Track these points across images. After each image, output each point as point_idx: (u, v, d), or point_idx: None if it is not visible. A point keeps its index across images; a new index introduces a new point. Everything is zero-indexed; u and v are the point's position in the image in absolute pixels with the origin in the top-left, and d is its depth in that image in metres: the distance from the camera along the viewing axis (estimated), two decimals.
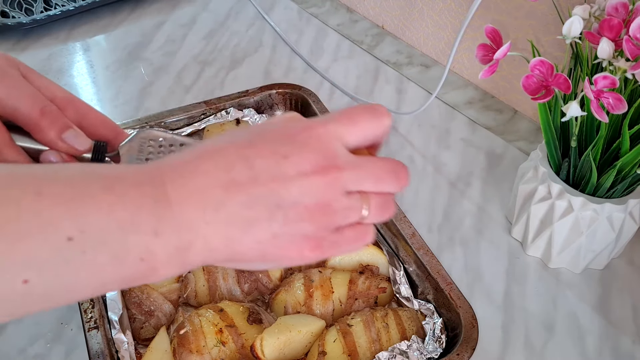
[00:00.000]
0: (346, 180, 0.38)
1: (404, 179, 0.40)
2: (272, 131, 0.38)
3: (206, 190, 0.35)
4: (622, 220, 0.70)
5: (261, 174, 0.36)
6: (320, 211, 0.37)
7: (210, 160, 0.36)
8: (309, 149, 0.37)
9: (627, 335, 0.71)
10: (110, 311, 0.65)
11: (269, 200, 0.36)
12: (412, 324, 0.67)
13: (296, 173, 0.36)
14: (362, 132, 0.39)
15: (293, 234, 0.37)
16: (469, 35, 0.98)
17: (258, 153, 0.37)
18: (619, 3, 0.60)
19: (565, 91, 0.60)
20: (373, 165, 0.39)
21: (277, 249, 0.37)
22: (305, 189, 0.37)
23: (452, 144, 0.95)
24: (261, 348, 0.63)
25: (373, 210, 0.39)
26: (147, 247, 0.34)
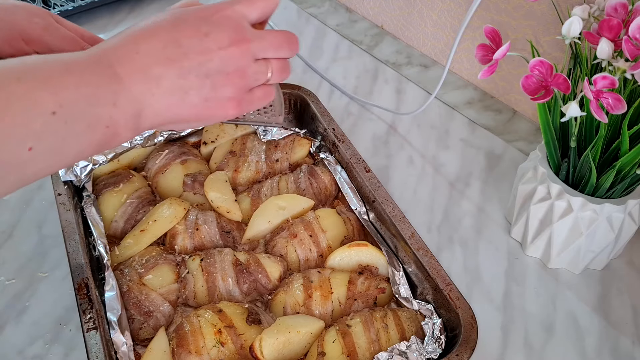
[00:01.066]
0: (254, 50, 0.48)
1: (296, 45, 0.51)
2: (190, 14, 0.47)
3: (148, 68, 0.44)
4: (621, 220, 0.70)
5: (189, 50, 0.45)
6: (238, 76, 0.48)
7: (146, 43, 0.45)
8: (224, 27, 0.46)
9: (627, 336, 0.71)
10: (109, 312, 0.65)
11: (199, 71, 0.46)
12: (411, 325, 0.67)
13: (217, 47, 0.46)
14: (259, 10, 0.49)
15: (219, 97, 0.47)
16: (469, 36, 0.98)
17: (184, 33, 0.45)
18: (618, 3, 0.60)
19: (564, 91, 0.60)
20: (272, 37, 0.49)
21: (208, 109, 0.48)
22: (225, 59, 0.46)
23: (451, 144, 0.95)
24: (260, 349, 0.63)
25: (275, 72, 0.50)
26: (110, 116, 0.43)
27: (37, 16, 0.60)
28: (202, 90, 0.47)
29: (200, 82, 0.46)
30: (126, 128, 0.45)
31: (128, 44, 0.45)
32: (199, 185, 0.81)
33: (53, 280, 0.74)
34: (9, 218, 0.81)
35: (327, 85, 1.06)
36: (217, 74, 0.47)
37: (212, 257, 0.71)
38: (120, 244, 0.74)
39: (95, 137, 0.43)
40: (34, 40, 0.60)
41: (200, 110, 0.47)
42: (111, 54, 0.44)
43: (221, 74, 0.47)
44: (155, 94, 0.45)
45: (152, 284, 0.69)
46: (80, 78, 0.42)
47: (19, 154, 0.39)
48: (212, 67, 0.46)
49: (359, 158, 0.82)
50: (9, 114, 0.38)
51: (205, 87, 0.47)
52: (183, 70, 0.45)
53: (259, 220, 0.77)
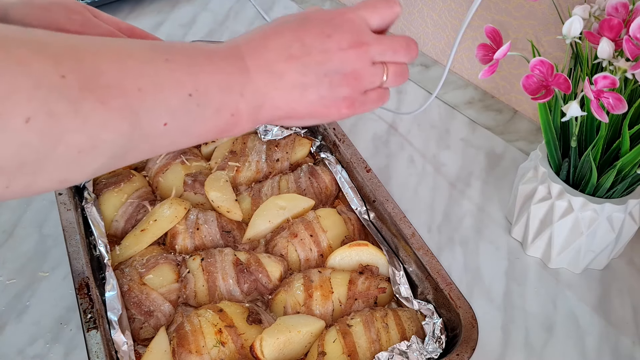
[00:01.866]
0: (372, 53, 0.49)
1: (414, 51, 0.51)
2: (315, 16, 0.48)
3: (273, 63, 0.46)
4: (622, 220, 0.70)
5: (312, 49, 0.47)
6: (354, 77, 0.49)
7: (274, 40, 0.47)
8: (345, 29, 0.48)
9: (627, 336, 0.71)
10: (109, 311, 0.65)
11: (318, 70, 0.47)
12: (411, 324, 0.67)
13: (337, 48, 0.47)
14: (381, 17, 0.50)
15: (335, 96, 0.49)
16: (469, 35, 0.98)
17: (308, 33, 0.47)
18: (619, 3, 0.60)
19: (565, 91, 0.60)
20: (391, 41, 0.50)
21: (323, 107, 0.49)
22: (344, 60, 0.48)
23: (452, 144, 0.95)
24: (261, 348, 0.63)
25: (391, 76, 0.51)
26: (236, 105, 0.45)
27: (75, 12, 0.60)
28: (320, 88, 0.48)
29: (318, 80, 0.48)
30: (248, 118, 0.47)
31: (258, 40, 0.47)
32: (200, 185, 0.81)
33: (54, 280, 0.74)
34: (10, 217, 0.81)
35: None
36: (335, 74, 0.48)
37: (213, 257, 0.71)
38: (120, 244, 0.74)
39: (220, 123, 0.45)
40: None
41: (315, 107, 0.49)
42: (244, 48, 0.46)
43: (338, 74, 0.48)
44: (277, 87, 0.47)
45: (152, 283, 0.69)
46: (217, 66, 0.44)
47: (156, 127, 0.41)
48: (330, 67, 0.48)
49: (360, 158, 0.82)
50: (155, 91, 0.41)
51: (323, 86, 0.48)
52: (304, 68, 0.47)
53: (260, 220, 0.77)
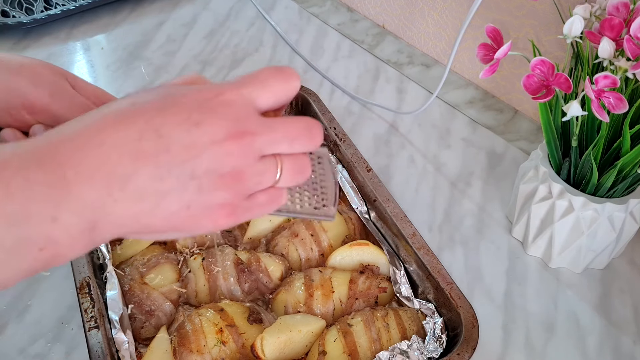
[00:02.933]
0: (260, 145, 0.37)
1: (318, 136, 0.39)
2: (183, 96, 0.36)
3: (111, 165, 0.33)
4: (622, 220, 0.70)
5: (172, 143, 0.34)
6: (234, 179, 0.36)
7: (117, 131, 0.34)
8: (222, 116, 0.35)
9: (628, 336, 0.71)
10: (110, 311, 0.65)
11: (182, 171, 0.35)
12: (412, 324, 0.67)
13: (209, 141, 0.35)
14: (273, 95, 0.38)
15: (207, 203, 0.36)
16: (470, 35, 0.98)
17: (168, 120, 0.34)
18: (620, 2, 0.60)
19: (566, 91, 0.60)
20: (286, 126, 0.38)
21: (191, 219, 0.36)
22: (219, 157, 0.35)
23: (452, 143, 0.95)
24: (261, 348, 0.63)
25: (286, 173, 0.39)
26: (46, 235, 0.32)
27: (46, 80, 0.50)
28: (184, 195, 0.35)
29: (182, 185, 0.35)
30: (73, 247, 0.34)
31: (92, 132, 0.34)
32: None
33: (54, 279, 0.74)
34: None
35: (328, 84, 1.06)
36: (206, 175, 0.35)
37: (214, 256, 0.71)
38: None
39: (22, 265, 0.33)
40: (37, 110, 0.50)
41: (179, 220, 0.36)
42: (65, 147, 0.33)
43: (211, 175, 0.36)
44: (117, 199, 0.34)
45: (153, 283, 0.69)
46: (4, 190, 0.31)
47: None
48: (199, 166, 0.35)
49: (360, 157, 0.82)
50: None
51: (188, 191, 0.35)
52: (161, 169, 0.34)
53: (260, 219, 0.77)
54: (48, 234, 0.32)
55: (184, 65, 1.09)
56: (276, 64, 1.10)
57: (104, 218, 0.34)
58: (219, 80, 1.05)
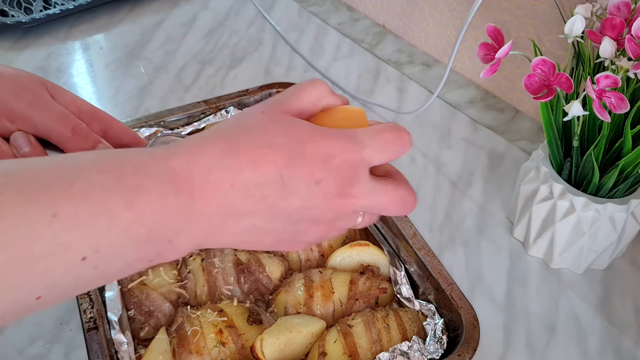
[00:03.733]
0: (359, 207, 0.41)
1: (408, 209, 0.43)
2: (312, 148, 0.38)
3: (235, 204, 0.36)
4: (624, 220, 0.70)
5: (291, 194, 0.37)
6: (326, 228, 0.41)
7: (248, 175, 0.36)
8: (341, 176, 0.38)
9: (629, 336, 0.70)
10: (109, 311, 0.65)
11: (289, 218, 0.38)
12: (413, 325, 0.67)
13: (322, 197, 0.38)
14: (388, 158, 0.42)
15: (296, 240, 0.41)
16: (471, 34, 0.97)
17: (295, 174, 0.37)
18: (621, 2, 0.60)
19: (567, 90, 0.60)
20: (385, 196, 0.41)
21: (276, 247, 0.41)
22: (323, 210, 0.39)
23: (453, 143, 0.95)
24: (261, 349, 0.62)
25: (364, 223, 0.44)
26: (159, 252, 0.34)
27: (25, 89, 0.51)
28: (282, 235, 0.39)
29: (284, 228, 0.39)
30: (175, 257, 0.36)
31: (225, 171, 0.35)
32: None
33: None
34: None
35: (329, 84, 1.05)
36: (306, 223, 0.39)
37: (213, 257, 0.71)
38: None
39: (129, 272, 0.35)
40: (17, 118, 0.51)
41: (265, 247, 0.40)
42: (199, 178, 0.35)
43: (310, 224, 0.40)
44: (228, 232, 0.37)
45: (152, 283, 0.69)
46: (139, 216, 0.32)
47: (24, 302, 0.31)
48: (305, 216, 0.39)
49: None
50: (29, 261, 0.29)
51: (286, 232, 0.39)
52: (273, 215, 0.37)
53: None
54: (160, 252, 0.34)
55: (183, 64, 1.08)
56: (276, 64, 1.09)
57: (210, 242, 0.37)
58: (219, 80, 1.05)
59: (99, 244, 0.31)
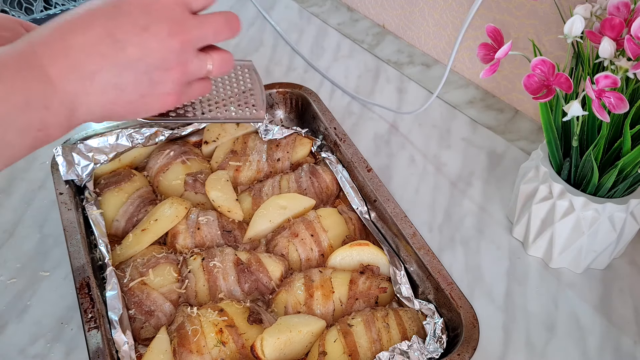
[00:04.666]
0: (195, 40, 0.47)
1: (236, 26, 0.50)
2: (127, 4, 0.45)
3: (81, 65, 0.43)
4: (623, 220, 0.70)
5: (127, 45, 0.44)
6: (178, 71, 0.47)
7: (79, 36, 0.43)
8: (163, 18, 0.45)
9: (629, 336, 0.71)
10: (110, 311, 0.65)
11: (137, 68, 0.44)
12: (412, 324, 0.67)
13: (156, 41, 0.44)
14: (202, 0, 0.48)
15: (158, 92, 0.47)
16: (470, 35, 0.97)
17: (121, 26, 0.44)
18: (621, 2, 0.60)
19: (566, 91, 0.60)
20: (212, 21, 0.48)
21: (144, 105, 0.47)
22: (165, 53, 0.45)
23: (453, 143, 0.95)
24: (261, 348, 0.63)
25: (216, 66, 0.50)
26: (42, 119, 0.42)
27: (5, 29, 0.55)
28: (140, 87, 0.45)
29: (137, 79, 0.45)
30: (58, 128, 0.44)
31: (61, 37, 0.43)
32: (200, 185, 0.81)
33: (54, 280, 0.74)
34: (11, 217, 0.81)
35: (329, 84, 1.06)
36: (156, 70, 0.45)
37: (214, 257, 0.71)
38: (121, 243, 0.74)
39: (26, 142, 0.43)
40: None
41: (136, 105, 0.47)
42: (42, 51, 0.42)
43: (160, 70, 0.46)
44: (89, 92, 0.44)
45: (153, 283, 0.69)
46: (10, 86, 0.40)
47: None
48: (150, 63, 0.45)
49: (361, 157, 0.82)
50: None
51: (143, 84, 0.45)
52: (119, 67, 0.44)
53: (260, 219, 0.77)
54: (43, 119, 0.42)
55: None
56: (276, 64, 1.10)
57: (80, 106, 0.44)
58: None
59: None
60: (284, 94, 0.93)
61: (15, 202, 0.83)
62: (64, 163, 0.78)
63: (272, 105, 0.94)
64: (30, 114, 0.41)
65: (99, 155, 0.81)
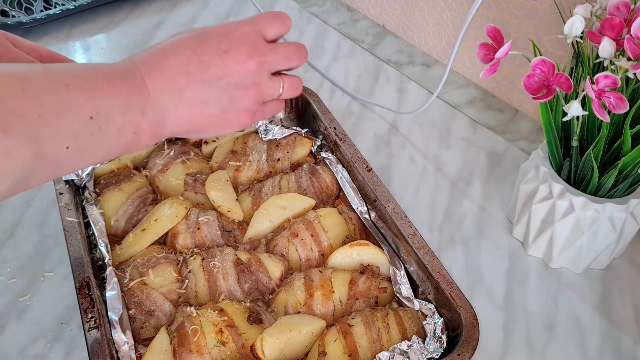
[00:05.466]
0: (270, 63, 0.52)
1: (305, 55, 0.56)
2: (212, 32, 0.51)
3: (172, 80, 0.48)
4: (623, 220, 0.70)
5: (210, 65, 0.49)
6: (255, 91, 0.52)
7: (172, 58, 0.49)
8: (242, 43, 0.51)
9: (629, 336, 0.71)
10: (110, 311, 0.65)
11: (219, 85, 0.50)
12: (412, 324, 0.67)
13: (236, 62, 0.50)
14: (275, 30, 0.54)
15: (236, 109, 0.52)
16: (470, 35, 0.97)
17: (205, 49, 0.50)
18: (621, 2, 0.60)
19: (566, 90, 0.60)
20: (284, 49, 0.54)
21: (224, 120, 0.52)
22: (243, 74, 0.51)
23: (453, 143, 0.95)
24: (261, 348, 0.63)
25: (287, 89, 0.55)
26: (138, 123, 0.47)
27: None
28: (221, 103, 0.50)
29: (219, 95, 0.50)
30: (150, 135, 0.49)
31: (156, 58, 0.49)
32: (200, 185, 0.81)
33: (54, 280, 0.74)
34: (11, 217, 0.81)
35: (329, 84, 1.06)
36: (235, 88, 0.51)
37: (214, 257, 0.71)
38: (121, 243, 0.74)
39: (122, 141, 0.47)
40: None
41: (217, 120, 0.51)
42: (142, 67, 0.48)
43: (239, 88, 0.51)
44: (178, 104, 0.49)
45: (153, 283, 0.69)
46: (117, 89, 0.46)
47: (59, 151, 0.43)
48: (230, 82, 0.50)
49: (360, 157, 0.82)
50: (55, 116, 0.42)
51: (224, 100, 0.51)
52: (204, 84, 0.49)
53: (260, 219, 0.77)
54: (139, 123, 0.47)
55: None
56: None
57: (169, 117, 0.49)
58: None
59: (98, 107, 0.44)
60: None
61: (15, 202, 0.83)
62: None
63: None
64: (130, 115, 0.46)
65: None
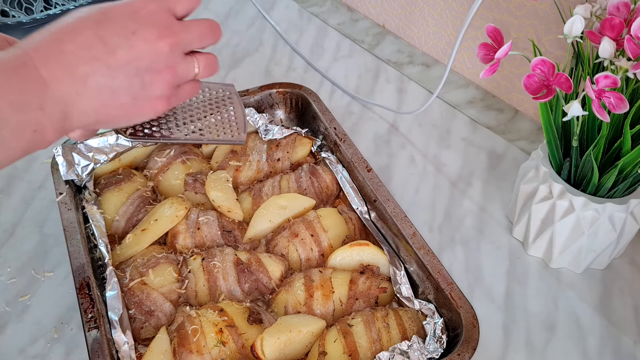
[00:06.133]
0: (182, 43, 0.48)
1: (218, 32, 0.52)
2: (115, 11, 0.46)
3: (73, 68, 0.44)
4: (623, 220, 0.70)
5: (116, 48, 0.45)
6: (168, 73, 0.48)
7: (71, 41, 0.44)
8: (151, 22, 0.46)
9: (629, 336, 0.71)
10: (110, 311, 0.65)
11: (127, 70, 0.45)
12: (412, 324, 0.67)
13: (145, 44, 0.46)
14: (185, 6, 0.50)
15: (149, 95, 0.48)
16: (470, 35, 0.97)
17: (109, 30, 0.45)
18: (621, 2, 0.60)
19: (566, 91, 0.60)
20: (197, 26, 0.50)
21: (136, 108, 0.48)
22: (154, 56, 0.46)
23: (453, 143, 0.95)
24: (261, 348, 0.63)
25: (202, 68, 0.51)
26: (37, 120, 0.43)
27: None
28: (131, 89, 0.46)
29: (128, 81, 0.46)
30: (53, 131, 0.44)
31: (52, 43, 0.44)
32: (200, 185, 0.81)
33: (54, 280, 0.74)
34: (11, 217, 0.81)
35: (329, 84, 1.06)
36: (147, 72, 0.46)
37: (214, 257, 0.71)
38: (121, 243, 0.74)
39: (21, 143, 0.43)
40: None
41: (128, 109, 0.47)
42: (35, 55, 0.43)
43: (150, 72, 0.47)
44: (81, 94, 0.44)
45: (153, 283, 0.69)
46: (6, 84, 0.41)
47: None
48: (141, 66, 0.46)
49: (360, 157, 0.82)
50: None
51: (135, 86, 0.46)
52: (111, 70, 0.45)
53: (260, 219, 0.77)
54: (38, 119, 0.43)
55: None
56: (276, 64, 1.10)
57: (73, 109, 0.44)
58: (220, 80, 1.05)
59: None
60: (284, 94, 0.93)
61: (15, 202, 0.83)
62: (64, 163, 0.78)
63: (272, 105, 0.94)
64: (25, 113, 0.42)
65: (99, 155, 0.81)
